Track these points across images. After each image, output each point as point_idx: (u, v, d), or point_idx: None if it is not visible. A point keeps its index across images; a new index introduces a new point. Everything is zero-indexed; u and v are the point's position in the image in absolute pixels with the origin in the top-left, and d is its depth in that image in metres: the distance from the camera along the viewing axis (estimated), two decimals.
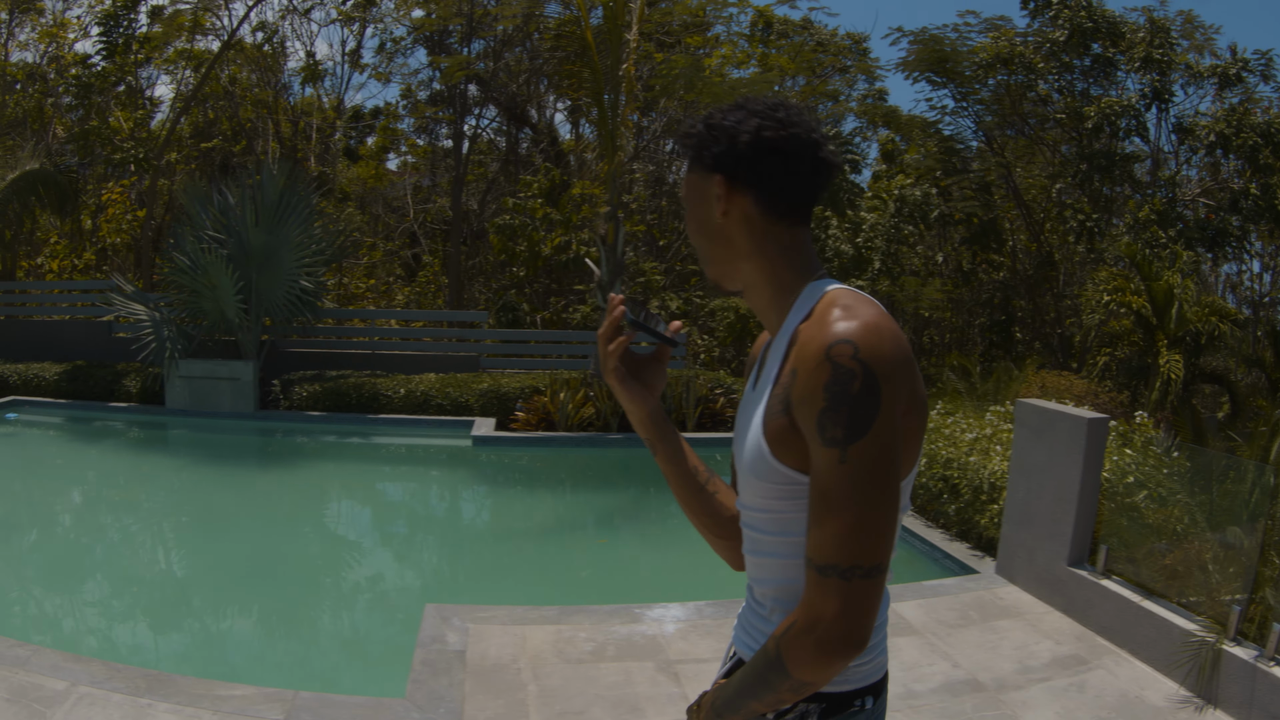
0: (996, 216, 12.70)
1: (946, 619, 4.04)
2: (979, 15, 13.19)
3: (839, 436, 1.02)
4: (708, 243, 1.22)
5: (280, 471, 8.65)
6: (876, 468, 1.02)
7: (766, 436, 1.12)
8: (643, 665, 3.53)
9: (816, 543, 1.04)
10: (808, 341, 1.07)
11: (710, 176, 1.18)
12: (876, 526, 1.03)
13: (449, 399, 9.51)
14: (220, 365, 9.78)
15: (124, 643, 4.64)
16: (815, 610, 1.04)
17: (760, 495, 1.16)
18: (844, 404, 1.01)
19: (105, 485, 8.06)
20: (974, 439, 5.89)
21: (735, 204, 1.18)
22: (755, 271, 1.20)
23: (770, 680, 1.11)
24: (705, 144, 1.18)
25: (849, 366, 1.02)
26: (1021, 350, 13.36)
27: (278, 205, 9.85)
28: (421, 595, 5.37)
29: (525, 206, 11.41)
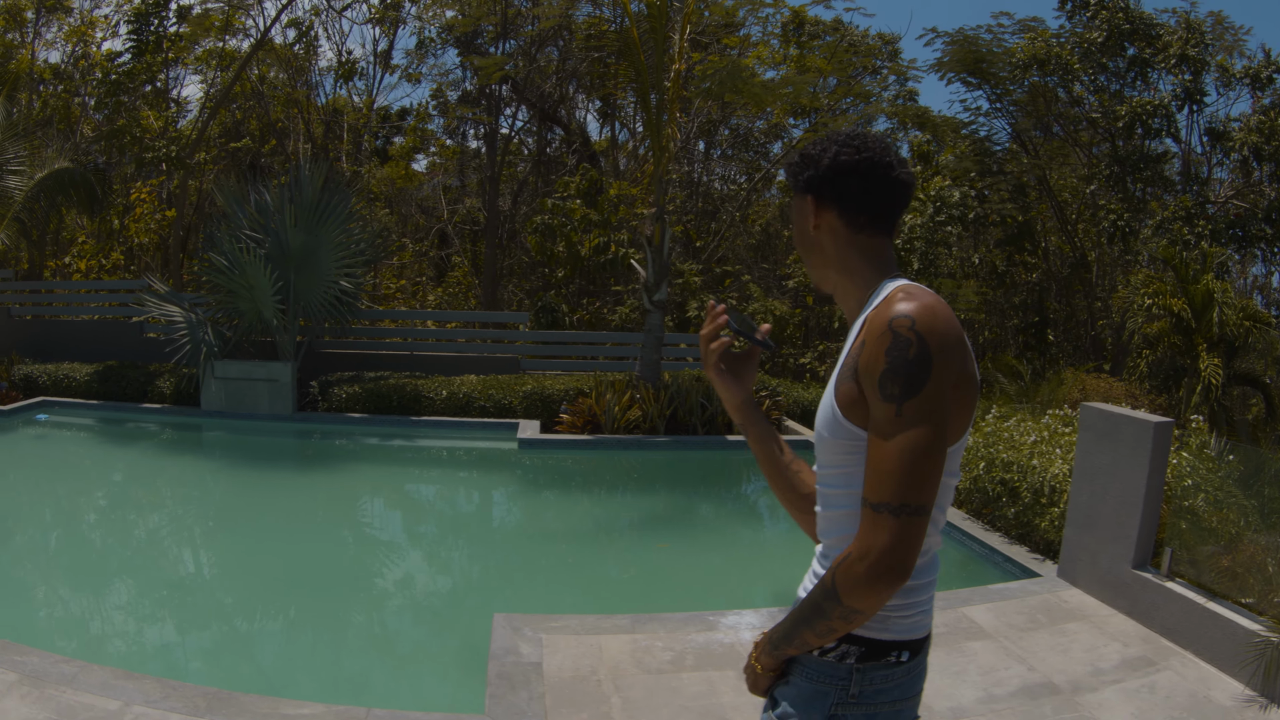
0: (1032, 218, 12.48)
1: (1016, 623, 3.96)
2: (1013, 16, 12.98)
3: (895, 393, 1.19)
4: (806, 252, 1.44)
5: (324, 475, 8.33)
6: (927, 422, 1.19)
7: (837, 398, 1.30)
8: (724, 674, 3.39)
9: (872, 483, 1.21)
10: (874, 319, 1.26)
11: (804, 197, 1.41)
12: (924, 471, 1.19)
13: (492, 401, 9.22)
14: (257, 366, 9.50)
15: (176, 657, 4.35)
16: (868, 541, 1.19)
17: (831, 451, 1.32)
18: (901, 365, 1.19)
19: (142, 489, 7.76)
20: (1034, 442, 5.77)
21: (823, 219, 1.40)
22: (842, 275, 1.40)
23: (824, 607, 1.25)
24: (799, 170, 1.40)
25: (907, 336, 1.20)
26: (1055, 352, 13.13)
27: (316, 205, 9.56)
28: (483, 603, 5.15)
29: (564, 207, 11.15)
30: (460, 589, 5.67)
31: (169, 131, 12.22)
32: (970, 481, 6.00)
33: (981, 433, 6.43)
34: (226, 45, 13.04)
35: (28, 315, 12.32)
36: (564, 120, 15.02)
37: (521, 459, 8.43)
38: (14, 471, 8.00)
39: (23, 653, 3.43)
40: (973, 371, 1.28)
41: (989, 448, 5.87)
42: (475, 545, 6.73)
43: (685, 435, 8.76)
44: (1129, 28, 12.54)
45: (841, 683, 1.30)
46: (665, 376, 9.33)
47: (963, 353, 1.24)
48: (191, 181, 13.36)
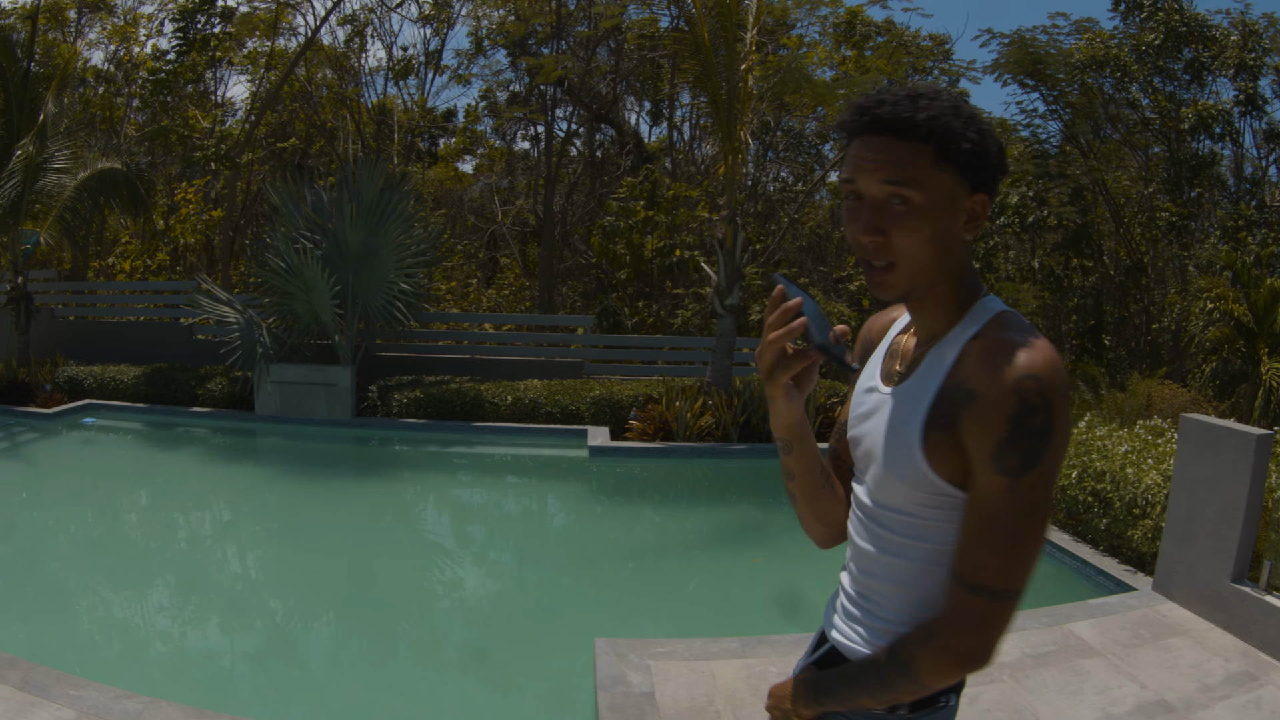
0: (1090, 221, 12.06)
1: (1121, 639, 3.85)
2: (1069, 17, 12.57)
3: (1014, 467, 1.02)
4: (935, 252, 1.10)
5: (387, 484, 7.81)
6: (1042, 499, 1.04)
7: (926, 450, 1.10)
8: None
9: (972, 563, 1.06)
10: (993, 367, 1.04)
11: (970, 192, 1.10)
12: (1031, 555, 1.05)
13: (558, 406, 8.69)
14: (315, 370, 9.02)
15: (247, 690, 3.87)
16: (959, 625, 1.07)
17: (903, 499, 1.15)
18: (1024, 437, 1.02)
19: (199, 499, 7.23)
20: (1126, 452, 5.50)
21: (981, 225, 1.13)
22: (951, 288, 1.14)
23: (894, 683, 1.14)
24: (980, 159, 1.09)
25: (1034, 402, 1.01)
26: (1111, 357, 12.69)
27: (377, 204, 9.12)
28: (576, 624, 4.71)
29: (628, 209, 10.73)
30: (549, 609, 5.12)
31: (216, 131, 11.82)
32: (1058, 491, 5.70)
33: (1072, 441, 6.21)
34: (275, 45, 12.64)
35: (70, 316, 11.91)
36: (617, 121, 14.62)
37: (593, 467, 7.91)
38: (62, 479, 7.51)
39: (80, 686, 3.07)
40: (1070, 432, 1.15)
41: (1080, 457, 5.62)
42: (557, 561, 6.17)
43: (760, 443, 8.32)
44: (1185, 30, 12.14)
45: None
46: (736, 382, 8.88)
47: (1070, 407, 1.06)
48: (238, 182, 12.95)
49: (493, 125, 15.62)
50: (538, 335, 11.06)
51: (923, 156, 1.06)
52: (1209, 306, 10.47)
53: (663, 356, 10.46)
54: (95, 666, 3.84)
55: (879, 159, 1.07)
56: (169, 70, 11.30)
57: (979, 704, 3.08)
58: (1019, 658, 3.49)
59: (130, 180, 10.58)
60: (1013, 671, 3.35)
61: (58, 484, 7.38)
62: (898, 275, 1.10)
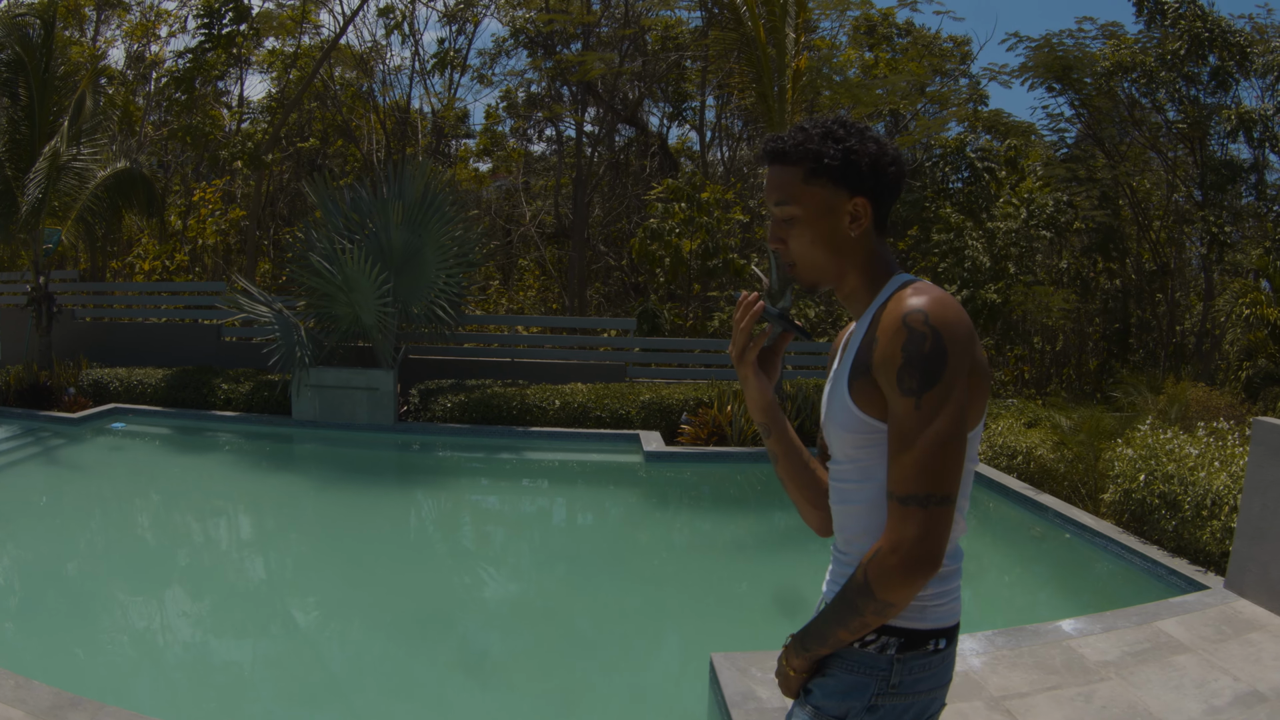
0: (1120, 224, 11.88)
1: (1206, 635, 3.85)
2: (1095, 21, 12.39)
3: (914, 386, 1.16)
4: (829, 254, 1.31)
5: (439, 492, 7.40)
6: (946, 411, 1.15)
7: (851, 393, 1.26)
8: (973, 705, 3.10)
9: (897, 477, 1.18)
10: (887, 314, 1.21)
11: (849, 196, 1.28)
12: (948, 461, 1.16)
13: (608, 411, 8.29)
14: (356, 374, 8.57)
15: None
16: (897, 534, 1.17)
17: (848, 446, 1.28)
18: (918, 359, 1.16)
19: (243, 509, 6.78)
20: (1197, 455, 5.45)
21: (864, 220, 1.30)
22: (860, 276, 1.32)
23: (857, 604, 1.22)
24: (850, 168, 1.26)
25: (921, 330, 1.16)
26: (1137, 360, 12.53)
27: (421, 203, 8.72)
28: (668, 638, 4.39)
29: (669, 210, 10.39)
30: (642, 621, 4.80)
31: (240, 130, 11.32)
32: (1122, 495, 5.63)
33: (1136, 446, 6.01)
34: (301, 44, 12.11)
35: (86, 318, 11.38)
36: (643, 122, 14.27)
37: (649, 473, 7.53)
38: (95, 488, 7.00)
39: (116, 715, 2.83)
40: (984, 361, 1.24)
41: (1147, 461, 5.56)
42: (634, 570, 5.73)
43: (815, 446, 8.03)
44: (1209, 36, 11.99)
45: (882, 673, 1.27)
46: (786, 386, 8.57)
47: (974, 343, 1.20)
48: (252, 181, 12.45)
49: (512, 126, 15.24)
50: (575, 339, 10.66)
51: (796, 177, 1.28)
52: (1245, 312, 10.34)
53: (704, 360, 10.13)
54: (131, 695, 3.51)
55: (770, 184, 1.32)
56: (190, 67, 10.77)
57: (1095, 702, 3.07)
58: (1120, 656, 3.49)
59: (146, 180, 10.09)
60: (1118, 670, 3.37)
61: (91, 494, 6.88)
62: (800, 272, 1.34)
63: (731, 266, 10.36)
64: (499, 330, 11.10)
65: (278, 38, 12.36)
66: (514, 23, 13.09)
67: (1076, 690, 3.18)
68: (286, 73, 12.00)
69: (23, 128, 9.71)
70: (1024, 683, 3.30)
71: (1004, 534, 6.26)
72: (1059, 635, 3.65)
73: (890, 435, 1.19)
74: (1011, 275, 10.63)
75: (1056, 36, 12.08)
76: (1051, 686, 3.20)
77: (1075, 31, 12.25)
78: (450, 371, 9.49)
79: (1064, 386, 12.33)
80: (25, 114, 9.69)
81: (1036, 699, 3.08)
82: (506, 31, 13.50)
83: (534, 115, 14.66)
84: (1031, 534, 6.12)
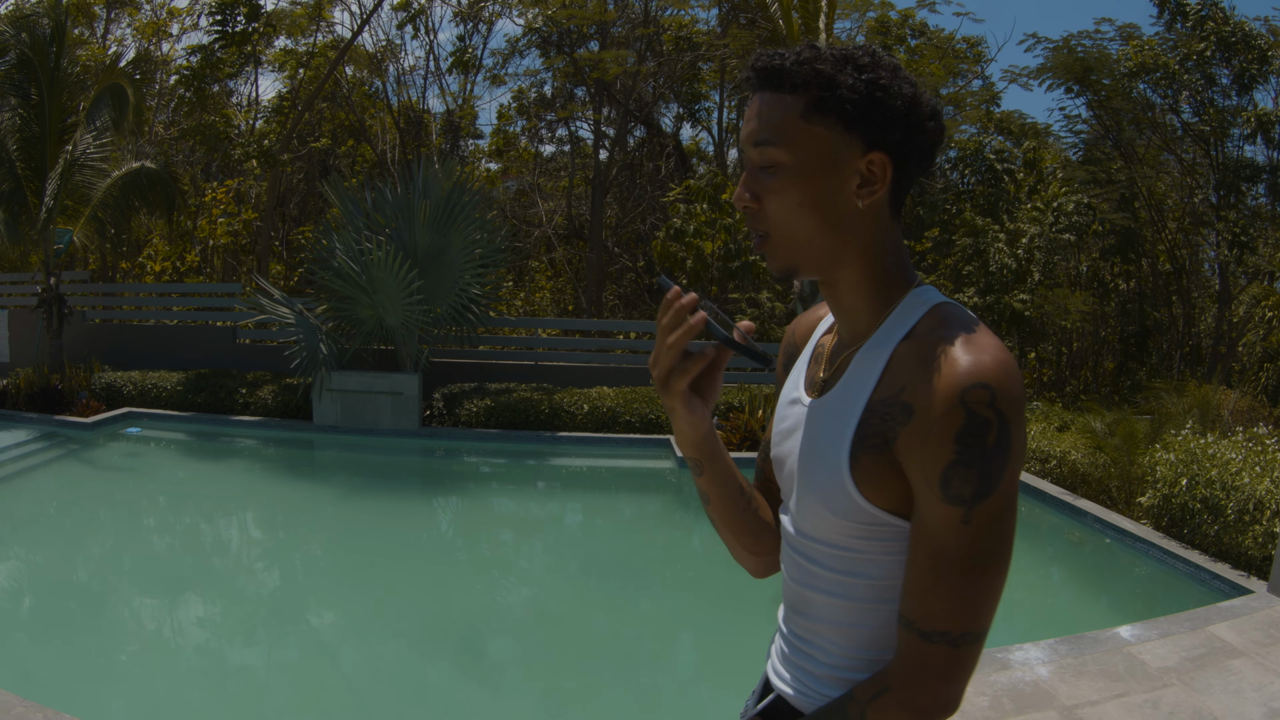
0: (1139, 226, 11.99)
1: (1257, 639, 3.86)
2: (1114, 23, 12.48)
3: (966, 495, 0.84)
4: (822, 226, 0.92)
5: (469, 499, 7.27)
6: (1001, 528, 0.86)
7: (855, 474, 0.91)
8: (1047, 715, 3.13)
9: (925, 608, 0.88)
10: (932, 373, 0.85)
11: (864, 151, 0.90)
12: (993, 593, 0.87)
13: (637, 415, 8.19)
14: (380, 378, 8.49)
15: None
16: (917, 680, 0.89)
17: (834, 532, 0.96)
18: (977, 458, 0.83)
19: (268, 518, 6.61)
20: (1241, 460, 5.52)
21: (882, 193, 0.92)
22: (863, 273, 0.95)
23: None
24: (874, 107, 0.89)
25: (985, 416, 0.83)
26: (1154, 363, 12.63)
27: (447, 203, 8.66)
28: (734, 650, 4.23)
29: (692, 212, 10.40)
30: (708, 634, 4.60)
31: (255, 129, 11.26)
32: (1161, 499, 5.68)
33: (1176, 450, 6.06)
34: (316, 42, 12.04)
35: (96, 319, 11.30)
36: (656, 123, 14.27)
37: (683, 479, 7.41)
38: (112, 496, 6.83)
39: None
40: None
41: (1188, 466, 5.62)
42: (688, 580, 5.65)
43: None
44: (1234, 40, 12.12)
45: None
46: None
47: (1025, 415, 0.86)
48: (263, 181, 12.38)
49: (524, 126, 15.22)
50: (604, 341, 10.65)
51: (793, 110, 0.91)
52: (1268, 315, 10.46)
53: (732, 363, 10.16)
54: (158, 699, 3.44)
55: (752, 115, 0.94)
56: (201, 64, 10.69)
57: (1162, 708, 3.12)
58: (1179, 662, 3.51)
59: (163, 179, 10.03)
60: (1179, 675, 3.41)
61: (110, 501, 6.72)
62: (774, 247, 0.95)
63: (754, 269, 10.39)
64: (515, 333, 11.08)
65: (290, 37, 12.30)
66: (531, 21, 13.06)
67: (1143, 697, 3.23)
68: (299, 71, 11.94)
69: (33, 126, 9.64)
70: (1092, 691, 3.33)
71: (1046, 539, 6.29)
72: (1118, 642, 3.69)
73: (918, 547, 0.89)
74: (1036, 280, 10.72)
75: (1075, 38, 12.17)
76: (1119, 694, 3.24)
77: (1093, 33, 12.31)
78: (471, 375, 9.45)
79: (1082, 389, 12.42)
80: (36, 113, 9.62)
81: (1107, 707, 3.12)
82: (519, 30, 13.52)
83: (546, 116, 14.64)
84: (1070, 539, 6.16)
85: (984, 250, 10.37)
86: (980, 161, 11.03)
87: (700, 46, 12.60)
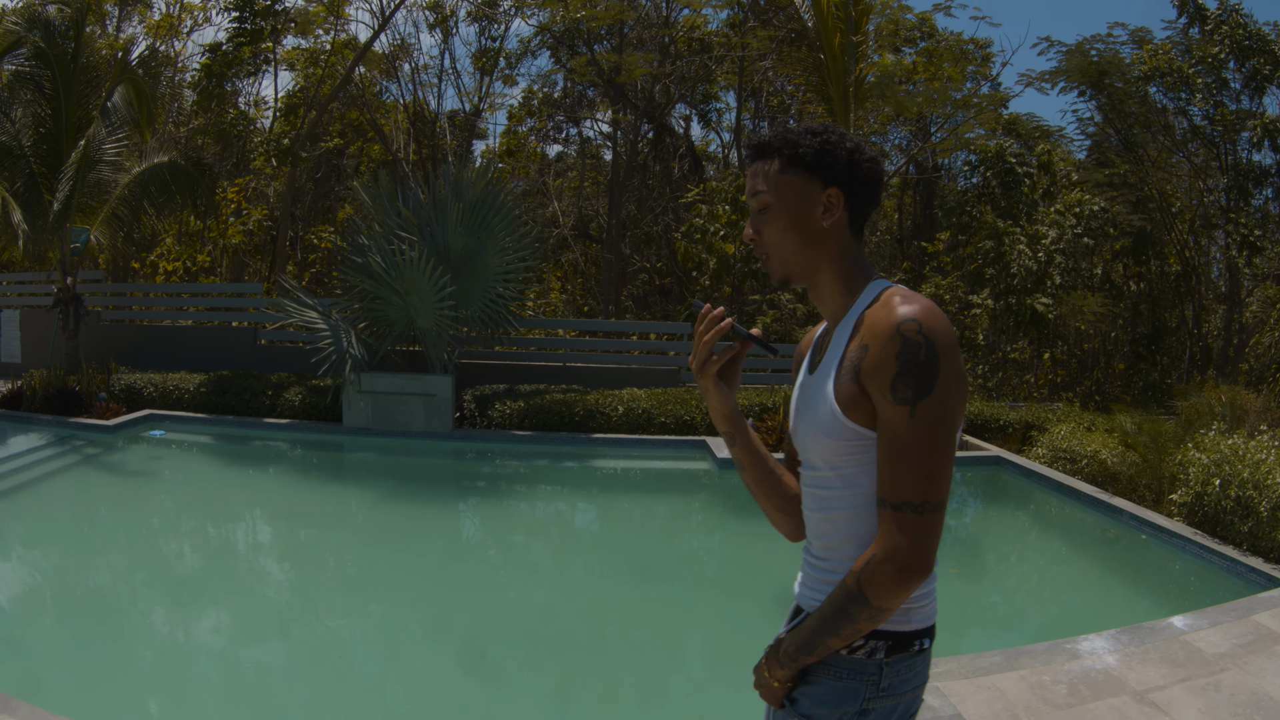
0: (1154, 229, 12.30)
1: None
2: (1127, 27, 12.77)
3: (909, 396, 1.19)
4: (799, 242, 1.34)
5: (508, 502, 7.25)
6: (940, 420, 1.19)
7: (838, 400, 1.27)
8: (1122, 699, 3.30)
9: (891, 485, 1.21)
10: (877, 321, 1.23)
11: (822, 187, 1.32)
12: (942, 468, 1.20)
13: (671, 416, 8.22)
14: (412, 379, 8.50)
15: None
16: (893, 541, 1.20)
17: (831, 453, 1.29)
18: (913, 369, 1.19)
19: (304, 523, 6.48)
20: (1273, 460, 5.71)
21: (839, 216, 1.33)
22: (834, 274, 1.34)
23: (850, 611, 1.24)
24: (824, 157, 1.32)
25: (915, 339, 1.19)
26: (1168, 363, 12.95)
27: (480, 205, 8.73)
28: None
29: (714, 212, 10.54)
30: (737, 635, 4.86)
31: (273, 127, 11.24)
32: (1193, 497, 5.92)
33: (1208, 451, 6.28)
34: (334, 39, 12.04)
35: (108, 320, 11.26)
36: (669, 125, 14.38)
37: (721, 480, 7.40)
38: (139, 501, 6.71)
39: None
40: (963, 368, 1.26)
41: (1221, 466, 5.82)
42: (738, 580, 5.65)
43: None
44: (1249, 45, 12.46)
45: (872, 677, 1.30)
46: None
47: (958, 350, 1.24)
48: (277, 180, 12.36)
49: (534, 126, 15.27)
50: (635, 343, 10.71)
51: (774, 167, 1.34)
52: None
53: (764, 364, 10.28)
54: (187, 706, 3.44)
55: (750, 177, 1.37)
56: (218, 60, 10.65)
57: (1224, 690, 3.30)
58: (1232, 648, 3.71)
59: (188, 174, 10.01)
60: (1233, 660, 3.60)
61: (135, 507, 6.59)
62: (772, 263, 1.36)
63: None
64: (533, 334, 11.16)
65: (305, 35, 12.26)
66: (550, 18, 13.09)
67: (1205, 681, 3.44)
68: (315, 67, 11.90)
69: (49, 122, 9.61)
70: (1157, 676, 3.56)
71: (1086, 536, 6.50)
72: (1173, 631, 3.91)
73: (882, 443, 1.21)
74: (1056, 283, 10.98)
75: (1088, 42, 12.45)
76: (1182, 679, 3.46)
77: (1105, 36, 12.58)
78: (499, 376, 9.52)
79: (1095, 390, 12.71)
80: (51, 109, 9.58)
81: (1174, 691, 3.33)
82: (530, 30, 13.57)
83: (556, 116, 14.70)
84: (1106, 536, 6.38)
85: (1005, 253, 10.61)
86: (1001, 164, 11.28)
87: (713, 48, 12.74)
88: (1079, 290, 11.64)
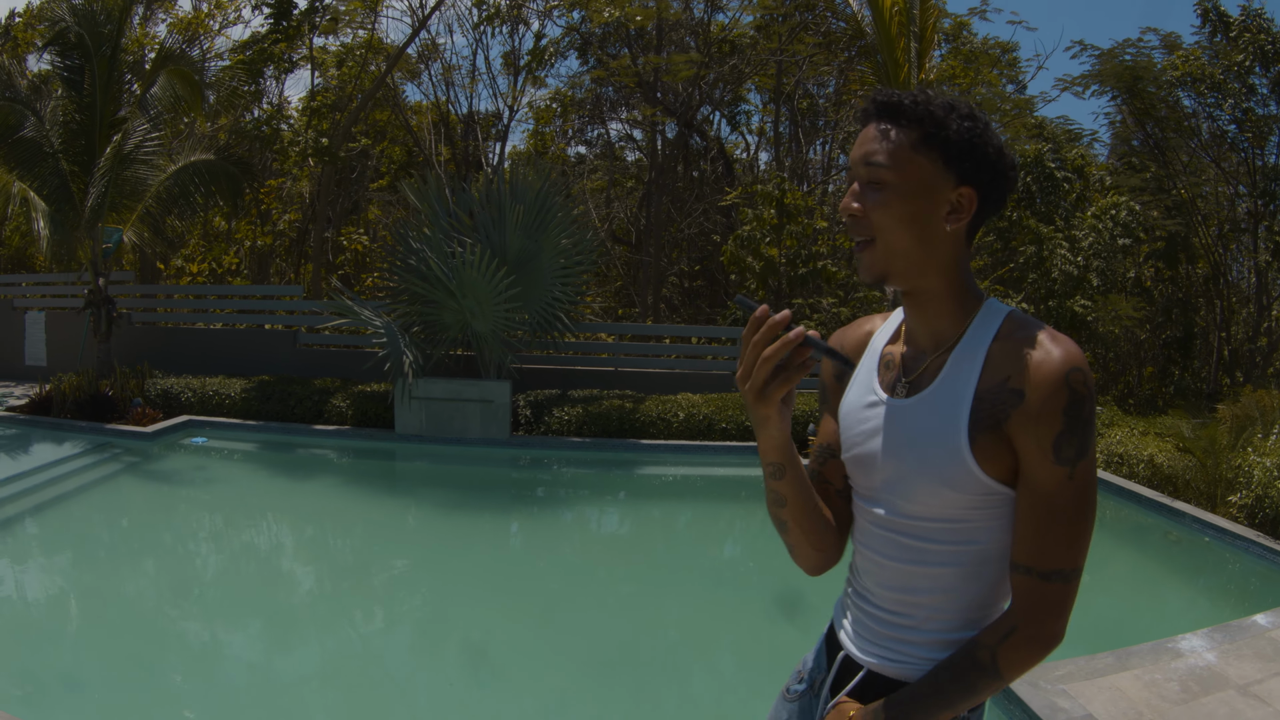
0: (1188, 233, 12.48)
1: None
2: (1159, 33, 12.95)
3: (1071, 456, 1.06)
4: (914, 240, 1.12)
5: (572, 510, 7.11)
6: (1092, 481, 1.09)
7: (975, 451, 1.10)
8: (1227, 693, 3.45)
9: (1038, 551, 1.08)
10: (1034, 364, 1.06)
11: (957, 184, 1.12)
12: (1090, 533, 1.10)
13: (733, 423, 8.10)
14: (468, 385, 8.40)
15: None
16: (1039, 615, 1.08)
17: (947, 506, 1.13)
18: (1079, 427, 1.06)
19: (365, 536, 6.25)
20: None
21: (964, 217, 1.13)
22: (945, 286, 1.15)
23: (979, 687, 1.12)
24: (972, 150, 1.10)
25: (1082, 392, 1.06)
26: (1194, 367, 13.14)
27: (538, 205, 8.65)
28: None
29: (761, 216, 10.53)
30: None
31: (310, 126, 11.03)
32: (1254, 500, 6.09)
33: (1271, 454, 6.51)
34: (373, 36, 11.84)
35: (138, 323, 11.03)
36: (701, 127, 14.32)
37: None
38: (182, 513, 6.47)
39: None
40: None
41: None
42: (789, 591, 5.74)
43: None
44: (1270, 50, 12.69)
45: None
46: None
47: None
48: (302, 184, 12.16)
49: (562, 127, 15.18)
50: (690, 348, 10.59)
51: (905, 139, 1.10)
52: None
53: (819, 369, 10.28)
54: None
55: (867, 139, 1.13)
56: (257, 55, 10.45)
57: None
58: None
59: (229, 173, 9.82)
60: None
61: (180, 518, 6.38)
62: (875, 253, 1.13)
63: (824, 274, 10.55)
64: (584, 337, 11.07)
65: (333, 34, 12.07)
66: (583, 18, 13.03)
67: None
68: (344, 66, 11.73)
69: (82, 117, 9.38)
70: (1255, 671, 3.71)
71: (1150, 540, 6.56)
72: (1259, 629, 4.04)
73: (1028, 504, 1.08)
74: (1094, 286, 11.11)
75: (1121, 47, 12.60)
76: (1277, 672, 3.61)
77: (1137, 41, 12.76)
78: (552, 381, 9.41)
79: (1127, 393, 12.88)
80: (86, 103, 9.36)
81: (1272, 684, 3.48)
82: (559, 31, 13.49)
83: (583, 118, 14.64)
84: (1169, 538, 6.47)
85: (1045, 258, 10.72)
86: (1040, 169, 11.39)
87: (745, 50, 12.74)
88: (1114, 294, 11.78)
